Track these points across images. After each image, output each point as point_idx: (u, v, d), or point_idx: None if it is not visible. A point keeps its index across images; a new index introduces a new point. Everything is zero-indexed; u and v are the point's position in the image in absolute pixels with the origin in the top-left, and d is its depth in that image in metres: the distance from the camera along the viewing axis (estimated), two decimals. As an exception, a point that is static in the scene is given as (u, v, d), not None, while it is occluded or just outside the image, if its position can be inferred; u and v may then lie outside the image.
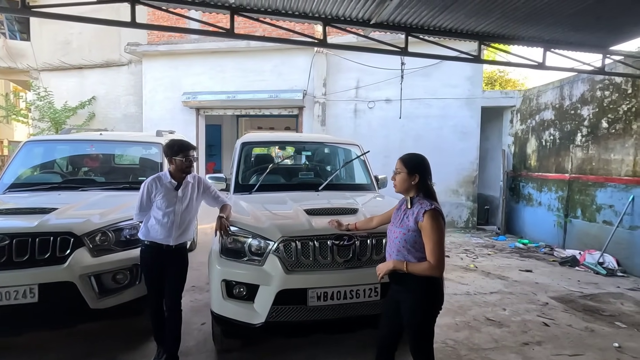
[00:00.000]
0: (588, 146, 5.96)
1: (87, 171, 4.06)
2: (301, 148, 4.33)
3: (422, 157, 2.13)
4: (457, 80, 8.26)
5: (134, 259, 2.83)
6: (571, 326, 3.52)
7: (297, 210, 2.85)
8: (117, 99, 11.57)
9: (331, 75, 8.75)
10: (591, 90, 5.91)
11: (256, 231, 2.55)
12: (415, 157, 2.11)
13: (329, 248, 2.51)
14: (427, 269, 1.88)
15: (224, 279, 2.51)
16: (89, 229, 2.69)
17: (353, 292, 2.49)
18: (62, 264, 2.55)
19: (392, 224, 2.14)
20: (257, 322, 2.44)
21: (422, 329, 1.99)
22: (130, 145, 4.41)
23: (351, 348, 3.01)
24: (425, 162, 2.10)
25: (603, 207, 5.64)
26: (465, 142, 8.29)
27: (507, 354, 2.97)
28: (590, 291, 4.51)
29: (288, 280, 2.41)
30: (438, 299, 1.99)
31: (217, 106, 9.39)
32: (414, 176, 2.00)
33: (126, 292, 2.80)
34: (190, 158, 2.66)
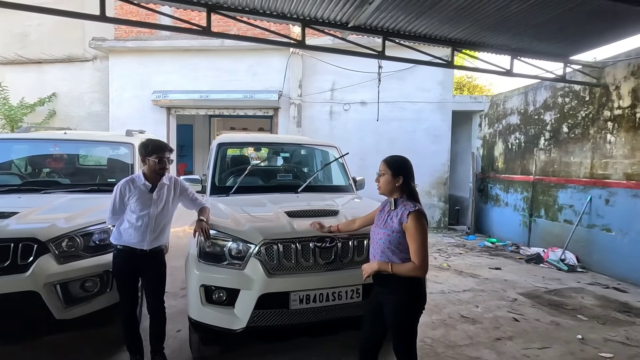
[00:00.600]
0: (550, 149, 6.32)
1: (49, 172, 3.80)
2: (279, 149, 4.29)
3: (405, 159, 2.17)
4: (429, 85, 8.51)
5: (104, 265, 2.69)
6: (539, 320, 3.70)
7: (278, 212, 2.81)
8: (80, 97, 10.97)
9: (307, 76, 8.75)
10: (553, 97, 6.27)
11: (236, 234, 2.49)
12: (399, 159, 2.15)
13: (311, 250, 2.50)
14: (412, 269, 1.91)
15: (203, 284, 2.43)
16: (55, 234, 2.52)
17: (335, 294, 2.48)
18: (24, 272, 2.37)
19: (376, 225, 2.16)
20: (238, 328, 2.38)
21: (405, 329, 2.01)
22: (97, 145, 4.18)
23: (333, 350, 3.00)
24: (408, 164, 2.14)
25: (564, 207, 5.99)
26: (437, 145, 8.55)
27: (482, 350, 3.08)
28: (554, 286, 4.77)
29: (270, 283, 2.37)
30: (421, 299, 2.02)
31: (190, 106, 9.13)
32: (397, 178, 2.03)
33: (96, 300, 2.64)
34: (165, 160, 2.56)
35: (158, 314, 2.68)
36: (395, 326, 2.01)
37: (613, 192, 5.14)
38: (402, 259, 1.96)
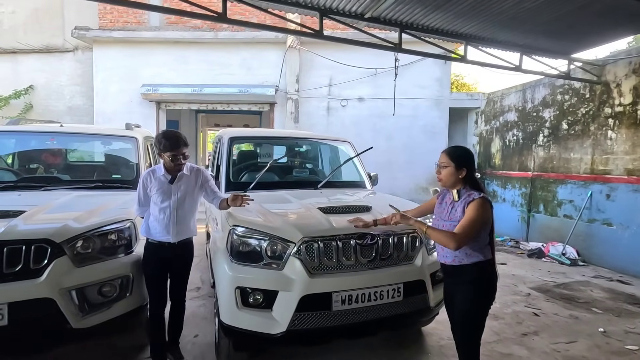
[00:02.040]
0: (549, 146, 6.43)
1: (47, 168, 3.50)
2: (294, 144, 4.12)
3: (467, 149, 2.10)
4: (426, 82, 8.53)
5: (122, 268, 2.48)
6: (557, 315, 3.73)
7: (311, 209, 2.67)
8: (60, 89, 10.36)
9: (304, 71, 8.58)
10: (552, 94, 6.38)
11: (274, 232, 2.33)
12: (462, 151, 2.08)
13: (352, 248, 2.37)
14: (445, 236, 1.90)
15: (238, 286, 2.26)
16: (69, 234, 2.28)
17: (377, 293, 2.37)
18: (39, 278, 2.13)
19: (438, 218, 2.10)
20: (277, 332, 2.22)
21: (469, 322, 1.96)
22: (98, 139, 3.89)
23: (362, 351, 2.89)
24: (471, 155, 2.07)
25: (563, 202, 6.12)
26: (434, 142, 8.58)
27: (511, 346, 3.05)
28: (562, 280, 4.84)
29: (312, 284, 2.23)
30: (489, 292, 1.97)
31: (181, 100, 8.77)
32: (461, 170, 1.96)
33: (115, 306, 2.42)
34: (179, 157, 2.40)
35: (179, 306, 2.65)
36: (461, 317, 1.97)
37: (614, 188, 5.28)
38: (473, 249, 1.90)
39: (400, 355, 2.87)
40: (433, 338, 3.15)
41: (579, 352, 3.00)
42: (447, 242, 1.90)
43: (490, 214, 1.95)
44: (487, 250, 1.97)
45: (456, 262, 1.98)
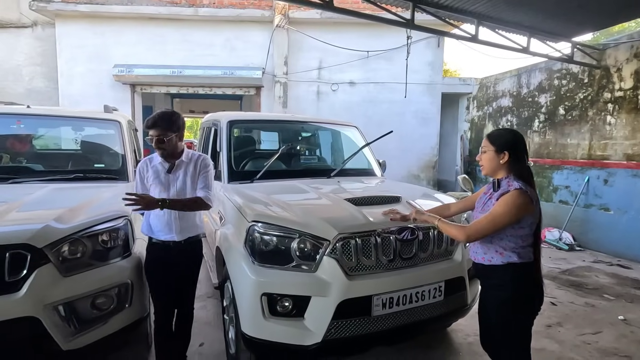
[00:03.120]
0: (545, 131, 6.41)
1: (15, 157, 2.96)
2: (299, 129, 3.76)
3: (513, 132, 1.83)
4: (419, 66, 8.29)
5: (119, 274, 2.09)
6: (573, 303, 3.65)
7: (338, 200, 2.36)
8: (17, 70, 9.34)
9: (292, 53, 8.10)
10: (549, 79, 6.32)
11: (304, 229, 2.00)
12: (505, 133, 1.82)
13: (392, 244, 2.09)
14: (457, 229, 1.74)
15: (265, 292, 1.93)
16: (53, 237, 1.86)
17: (419, 294, 2.12)
18: (17, 292, 1.71)
19: (476, 209, 1.86)
20: (311, 343, 1.93)
21: (508, 333, 1.72)
22: (75, 122, 3.36)
23: (385, 350, 2.65)
24: (517, 138, 1.79)
25: (559, 188, 6.13)
26: (426, 128, 8.43)
27: (541, 340, 2.91)
28: (565, 266, 4.82)
29: (351, 287, 1.94)
30: (532, 297, 1.71)
31: (159, 82, 8.09)
32: (502, 154, 1.71)
33: (111, 320, 2.03)
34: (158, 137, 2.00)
35: (187, 315, 2.29)
36: (496, 328, 1.73)
37: (612, 173, 5.30)
38: (505, 248, 1.67)
39: (429, 356, 2.66)
40: (459, 335, 2.96)
41: (608, 343, 2.91)
42: (456, 235, 1.76)
43: (528, 209, 1.64)
44: (526, 252, 1.69)
45: (486, 261, 1.73)
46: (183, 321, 2.28)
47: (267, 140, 4.15)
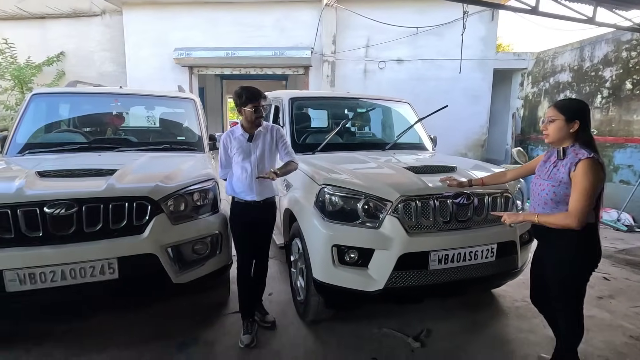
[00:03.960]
0: (608, 108, 6.07)
1: (115, 130, 3.49)
2: (355, 105, 3.98)
3: (582, 101, 1.92)
4: (470, 41, 8.02)
5: (212, 227, 2.49)
6: (628, 279, 3.64)
7: (398, 168, 2.59)
8: (89, 55, 10.28)
9: (340, 32, 8.19)
10: (616, 50, 5.92)
11: (369, 191, 2.27)
12: (574, 102, 1.91)
13: (449, 207, 2.31)
14: (562, 218, 1.74)
15: (335, 244, 2.24)
16: (164, 193, 2.28)
17: (472, 253, 2.32)
18: (142, 234, 2.16)
19: (538, 176, 1.98)
20: (374, 289, 2.22)
21: (568, 288, 1.87)
22: (159, 100, 3.84)
23: (435, 310, 2.90)
24: (586, 107, 1.88)
25: (621, 167, 5.85)
26: (475, 106, 8.24)
27: (592, 309, 2.99)
28: (622, 246, 4.71)
29: (411, 243, 2.19)
30: (591, 255, 1.84)
31: (214, 64, 8.59)
32: (572, 124, 1.80)
33: (207, 263, 2.45)
34: (260, 108, 2.31)
35: (263, 264, 2.63)
36: (557, 284, 1.88)
37: (683, 151, 4.98)
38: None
39: (479, 316, 2.87)
40: (507, 299, 3.13)
41: (662, 315, 2.94)
42: (567, 224, 1.73)
43: (602, 176, 1.75)
44: (590, 214, 1.78)
45: None
46: (260, 270, 2.65)
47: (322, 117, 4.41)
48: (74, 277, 2.01)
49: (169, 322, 2.64)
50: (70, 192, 2.06)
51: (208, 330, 2.59)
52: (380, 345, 2.44)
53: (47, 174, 2.25)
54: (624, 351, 2.45)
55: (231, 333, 2.55)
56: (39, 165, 2.40)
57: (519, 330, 2.68)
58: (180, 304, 2.85)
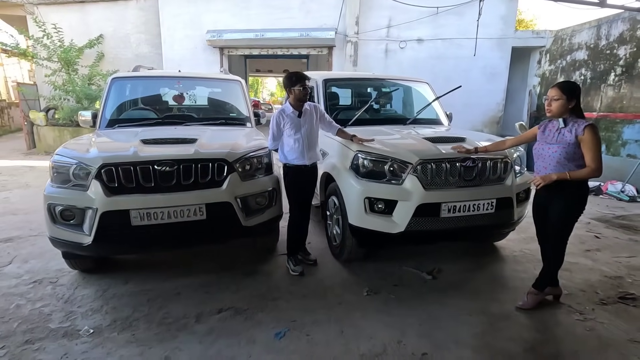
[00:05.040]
0: (620, 85, 6.36)
1: (179, 108, 4.19)
2: (380, 85, 4.53)
3: (576, 83, 2.46)
4: (490, 20, 8.27)
5: (269, 184, 3.15)
6: (617, 238, 4.19)
7: (417, 138, 3.19)
8: (126, 38, 11.00)
9: (363, 12, 8.56)
10: (631, 29, 6.15)
11: (394, 155, 2.89)
12: (572, 84, 2.42)
13: (457, 169, 2.91)
14: (590, 172, 2.29)
15: (367, 196, 2.90)
16: (236, 156, 2.95)
17: (475, 205, 2.92)
18: (221, 187, 2.85)
19: (544, 142, 2.50)
20: (396, 231, 2.88)
21: (566, 226, 2.46)
22: (211, 82, 4.49)
23: (446, 255, 3.56)
24: (579, 88, 2.43)
25: (629, 142, 6.21)
26: (492, 84, 8.56)
27: (578, 258, 3.59)
28: (620, 213, 5.20)
29: (426, 196, 2.82)
30: (584, 201, 2.44)
31: (243, 45, 9.15)
32: (571, 101, 2.34)
33: (265, 212, 3.14)
34: (307, 87, 2.92)
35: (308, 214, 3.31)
36: (561, 223, 2.46)
37: (687, 126, 5.32)
38: (577, 167, 2.34)
39: (483, 260, 3.51)
40: (506, 250, 3.75)
41: (639, 263, 3.50)
42: (593, 175, 2.30)
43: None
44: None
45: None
46: (305, 218, 3.31)
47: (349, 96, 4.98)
48: (175, 217, 2.73)
49: (235, 260, 3.41)
50: (172, 154, 2.76)
51: (265, 265, 3.34)
52: (400, 278, 3.12)
53: (148, 141, 2.95)
54: (596, 285, 3.05)
55: (282, 267, 3.28)
56: (137, 136, 3.11)
57: (514, 271, 3.31)
58: (242, 249, 3.61)
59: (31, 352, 2.15)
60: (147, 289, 2.87)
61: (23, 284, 2.96)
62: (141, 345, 2.21)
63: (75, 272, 3.13)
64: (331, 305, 2.67)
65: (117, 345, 2.21)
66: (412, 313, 2.58)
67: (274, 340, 2.27)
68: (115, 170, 2.61)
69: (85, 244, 2.62)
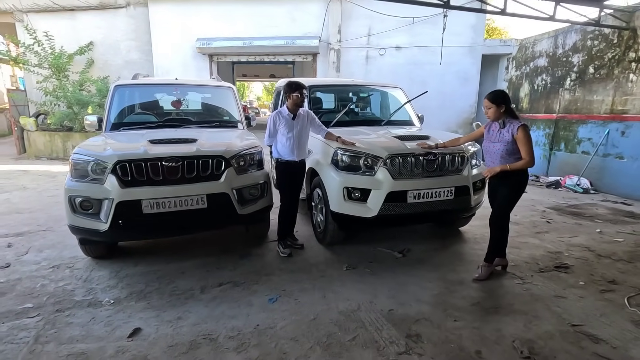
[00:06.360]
0: (575, 89, 7.08)
1: (176, 113, 4.61)
2: (358, 90, 5.07)
3: (501, 91, 3.02)
4: (461, 29, 8.96)
5: (260, 177, 3.62)
6: (565, 222, 4.81)
7: (388, 136, 3.72)
8: (116, 45, 11.29)
9: (344, 21, 9.13)
10: (582, 39, 6.88)
11: (367, 151, 3.41)
12: (497, 93, 2.99)
13: (421, 162, 3.44)
14: (525, 163, 2.85)
15: (345, 186, 3.40)
16: (231, 154, 3.41)
17: (436, 192, 3.46)
18: (219, 180, 3.31)
19: (490, 141, 3.04)
20: (370, 216, 3.39)
21: (510, 206, 3.02)
22: (205, 88, 4.94)
23: (416, 238, 4.09)
24: (505, 94, 2.98)
25: (583, 140, 6.92)
26: (465, 88, 9.23)
27: (528, 238, 4.18)
28: (573, 203, 5.86)
29: (395, 184, 3.34)
30: (525, 185, 3.00)
31: (232, 52, 9.59)
32: (500, 107, 2.90)
33: (258, 202, 3.61)
34: (303, 94, 3.42)
35: (296, 205, 3.79)
36: (506, 202, 3.01)
37: (629, 125, 6.03)
38: (516, 160, 2.89)
39: (448, 241, 4.05)
40: (469, 234, 4.31)
41: (578, 241, 4.10)
42: (528, 165, 2.83)
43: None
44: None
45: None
46: (294, 208, 3.79)
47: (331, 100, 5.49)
48: (180, 205, 3.17)
49: (231, 244, 3.86)
50: (177, 152, 3.20)
51: (257, 249, 3.81)
52: (375, 257, 3.63)
53: (155, 141, 3.39)
54: (538, 258, 3.63)
55: (273, 251, 3.75)
56: (144, 137, 3.54)
57: (472, 249, 3.86)
58: (236, 235, 4.06)
59: (63, 317, 2.56)
60: (155, 269, 3.30)
61: (43, 268, 3.34)
62: (156, 310, 2.65)
63: (88, 258, 3.52)
64: (315, 278, 3.16)
65: (135, 311, 2.64)
66: (383, 282, 3.09)
67: (268, 303, 2.74)
68: (128, 166, 3.05)
69: (102, 230, 3.04)
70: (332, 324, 2.48)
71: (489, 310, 2.67)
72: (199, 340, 2.29)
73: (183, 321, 2.51)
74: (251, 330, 2.40)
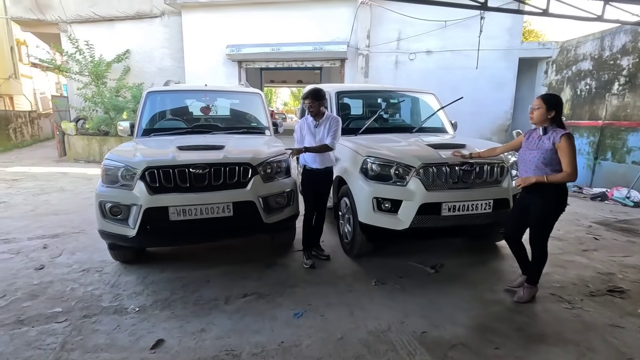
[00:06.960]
0: (624, 94, 6.56)
1: (205, 119, 4.64)
2: (388, 97, 4.91)
3: (558, 96, 2.76)
4: (496, 32, 8.58)
5: (287, 186, 3.53)
6: (616, 240, 4.40)
7: (421, 144, 3.53)
8: (151, 52, 11.70)
9: (373, 26, 8.99)
10: (633, 41, 6.38)
11: (399, 160, 3.24)
12: (554, 97, 2.72)
13: (456, 172, 3.23)
14: (566, 176, 2.57)
15: (375, 196, 3.25)
16: (259, 161, 3.35)
17: (474, 205, 3.24)
18: (246, 188, 3.25)
19: (527, 149, 2.79)
20: (401, 228, 3.21)
21: (548, 225, 2.74)
22: (234, 94, 4.95)
23: (449, 252, 3.85)
24: (560, 100, 2.73)
25: (633, 150, 6.39)
26: (500, 93, 8.82)
27: (574, 257, 3.84)
28: (623, 218, 5.38)
29: (428, 196, 3.15)
30: (564, 203, 2.72)
31: (260, 59, 9.68)
32: (551, 112, 2.65)
33: (284, 211, 3.52)
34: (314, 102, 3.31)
35: (322, 214, 3.67)
36: (541, 223, 2.74)
37: (688, 134, 5.50)
38: (553, 171, 2.63)
39: (484, 256, 3.79)
40: (506, 249, 3.95)
41: (633, 262, 3.72)
42: (569, 179, 2.54)
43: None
44: None
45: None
46: (320, 218, 3.70)
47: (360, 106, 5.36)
48: (207, 213, 3.13)
49: (256, 253, 3.79)
50: (204, 158, 3.17)
51: (282, 258, 3.71)
52: (405, 271, 3.44)
53: (183, 148, 3.38)
54: (588, 280, 3.30)
55: (298, 261, 3.64)
56: (173, 143, 3.55)
57: (511, 267, 3.57)
58: (261, 243, 3.99)
59: (90, 324, 2.56)
60: (181, 276, 3.27)
61: (74, 271, 3.40)
62: (180, 320, 2.60)
63: (117, 262, 3.56)
64: (342, 292, 3.01)
65: (159, 320, 2.60)
66: (415, 300, 2.90)
67: (293, 318, 2.62)
68: (157, 172, 3.04)
69: (130, 236, 3.04)
70: (361, 345, 2.32)
71: (534, 338, 2.42)
72: (221, 356, 2.20)
73: (206, 334, 2.44)
74: (275, 347, 2.29)
